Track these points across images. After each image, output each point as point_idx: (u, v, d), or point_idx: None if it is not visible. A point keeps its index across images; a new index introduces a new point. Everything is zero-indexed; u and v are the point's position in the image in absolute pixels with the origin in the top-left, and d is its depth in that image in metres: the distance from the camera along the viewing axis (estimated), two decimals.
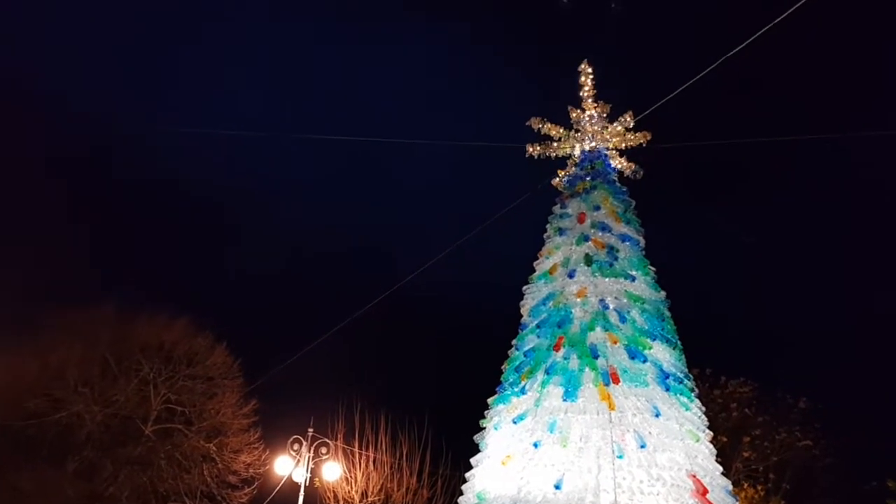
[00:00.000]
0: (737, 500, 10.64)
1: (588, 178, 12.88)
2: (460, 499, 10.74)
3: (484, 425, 11.25)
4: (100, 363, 30.59)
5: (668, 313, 11.56)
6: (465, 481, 11.00)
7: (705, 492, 9.39)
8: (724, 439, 28.05)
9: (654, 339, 10.87)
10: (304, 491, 26.87)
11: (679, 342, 11.34)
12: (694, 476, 9.54)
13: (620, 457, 9.45)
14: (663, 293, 11.80)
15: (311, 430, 27.59)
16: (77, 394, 29.61)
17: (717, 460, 10.50)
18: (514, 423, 10.54)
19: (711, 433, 10.84)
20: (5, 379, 24.96)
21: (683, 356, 11.26)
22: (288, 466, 27.57)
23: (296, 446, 27.52)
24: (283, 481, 27.52)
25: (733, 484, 10.47)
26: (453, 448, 27.50)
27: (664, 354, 10.85)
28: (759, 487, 28.47)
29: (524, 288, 12.54)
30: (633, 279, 11.53)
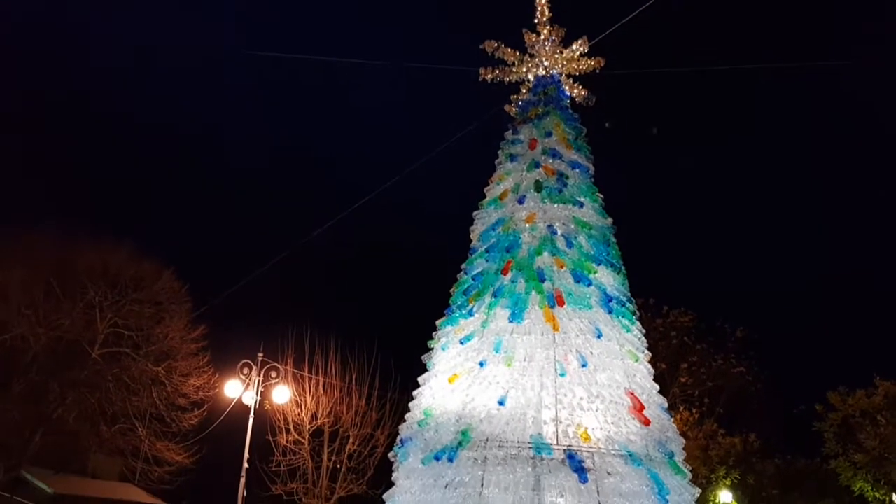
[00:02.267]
0: (671, 417, 11.16)
1: (541, 105, 12.88)
2: (407, 415, 11.02)
3: (432, 346, 11.47)
4: (43, 286, 29.98)
5: (613, 239, 11.83)
6: (413, 400, 11.25)
7: (642, 408, 9.83)
8: (664, 366, 29.18)
9: (600, 264, 11.14)
10: (254, 413, 27.22)
11: (623, 267, 11.65)
12: (632, 394, 9.96)
13: (563, 375, 9.78)
14: (610, 220, 12.04)
15: (260, 354, 27.68)
16: (21, 316, 29.07)
17: (654, 381, 10.95)
18: (462, 343, 10.78)
19: (650, 354, 11.27)
20: None
21: (627, 281, 11.58)
22: (238, 390, 27.77)
23: (245, 370, 27.67)
24: (232, 404, 27.78)
25: (669, 407, 10.98)
26: (402, 373, 28.03)
27: (608, 279, 11.15)
28: (695, 410, 29.81)
29: (474, 213, 12.64)
30: (582, 205, 11.72)
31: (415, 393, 11.22)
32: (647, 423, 9.76)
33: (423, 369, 11.44)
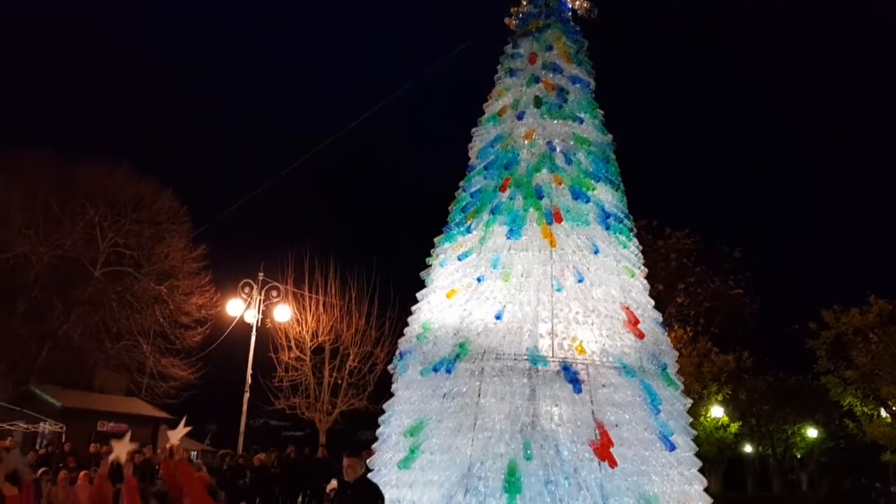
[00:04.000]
0: (666, 330, 11.34)
1: (542, 17, 12.57)
2: (406, 329, 11.19)
3: (430, 262, 11.55)
4: (43, 206, 29.99)
5: (613, 156, 11.75)
6: (411, 315, 11.40)
7: (637, 322, 9.98)
8: (661, 287, 29.48)
9: (598, 181, 11.10)
10: (256, 331, 27.67)
11: (622, 184, 11.62)
12: (627, 308, 10.09)
13: (559, 290, 9.88)
14: (610, 136, 11.93)
15: (261, 274, 28.01)
16: (21, 235, 29.19)
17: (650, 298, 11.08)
18: (459, 259, 10.85)
19: (647, 270, 11.35)
20: None
21: (625, 198, 11.57)
22: (239, 308, 28.20)
23: (247, 289, 28.05)
24: (234, 322, 28.22)
25: (664, 327, 11.15)
26: (401, 293, 28.34)
27: (607, 195, 11.13)
28: (689, 329, 30.24)
29: (473, 130, 12.50)
30: (581, 121, 11.59)
31: (413, 308, 11.36)
32: (641, 336, 9.92)
33: (422, 286, 11.54)
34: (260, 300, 27.79)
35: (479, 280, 10.29)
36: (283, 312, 28.67)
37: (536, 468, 8.62)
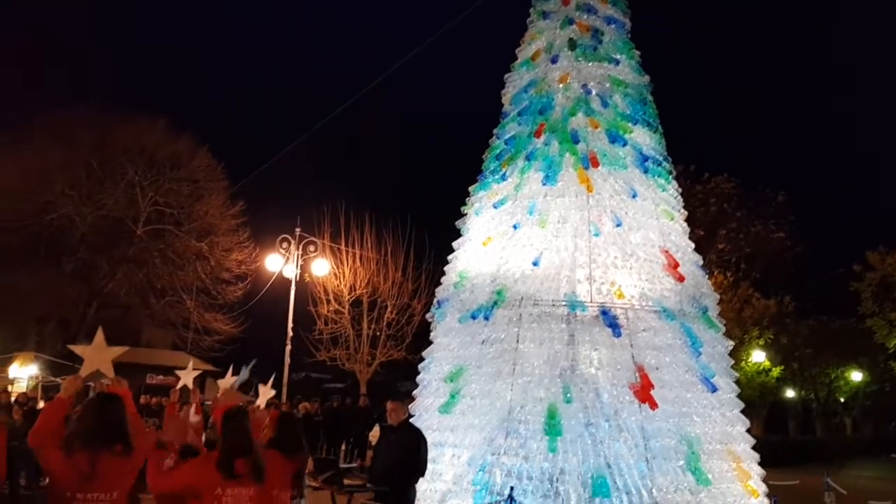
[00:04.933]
0: (707, 273, 11.22)
1: None
2: (443, 279, 11.23)
3: (466, 211, 11.52)
4: (84, 167, 30.56)
5: (650, 97, 11.49)
6: (448, 264, 11.43)
7: (676, 265, 9.87)
8: (701, 233, 29.08)
9: (636, 124, 10.89)
10: (295, 285, 28.05)
11: (660, 126, 11.38)
12: (666, 251, 9.97)
13: (597, 235, 9.79)
14: (647, 77, 11.65)
15: (298, 229, 28.30)
16: (65, 196, 29.85)
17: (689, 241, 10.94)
18: (495, 207, 10.80)
19: (686, 213, 11.18)
20: None
21: (663, 140, 11.35)
22: (278, 263, 28.59)
23: (284, 245, 28.39)
24: (274, 277, 28.64)
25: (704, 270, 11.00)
26: (436, 245, 28.44)
27: (644, 138, 10.93)
28: (730, 274, 29.89)
29: (506, 76, 12.31)
30: (617, 63, 11.32)
31: (450, 257, 11.38)
32: (681, 279, 9.82)
33: (457, 236, 11.53)
34: (298, 255, 28.12)
35: (515, 227, 10.24)
36: (320, 266, 29.01)
37: (576, 411, 8.67)
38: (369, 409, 21.42)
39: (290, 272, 27.82)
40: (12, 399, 15.83)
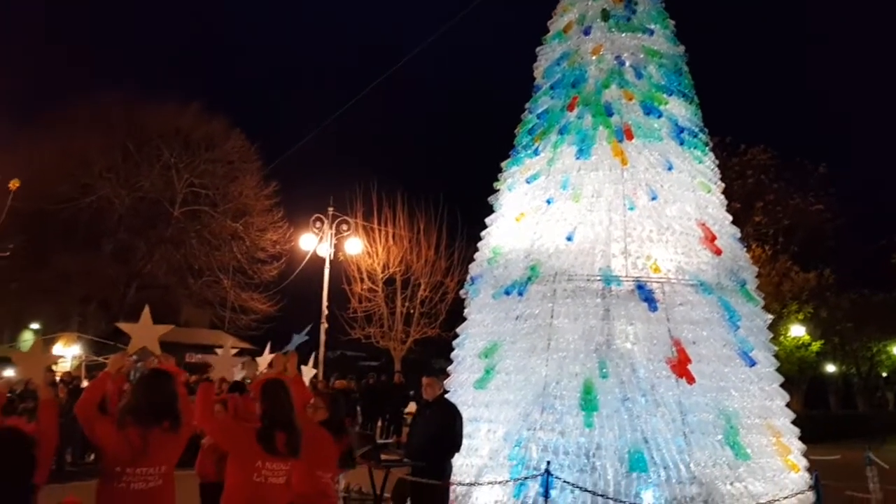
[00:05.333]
0: (744, 246, 11.03)
1: None
2: (476, 255, 11.20)
3: (498, 187, 11.44)
4: (121, 150, 31.04)
5: (685, 68, 11.26)
6: (481, 241, 11.39)
7: (713, 238, 9.71)
8: (737, 206, 28.56)
9: (671, 95, 10.69)
10: (329, 264, 28.25)
11: (696, 97, 11.16)
12: (703, 224, 9.81)
13: (632, 209, 9.66)
14: (682, 47, 11.41)
15: (331, 208, 28.44)
16: (103, 179, 30.37)
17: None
18: (528, 182, 10.70)
19: (723, 185, 10.98)
20: (32, 167, 25.41)
21: (699, 111, 11.13)
22: (312, 243, 28.81)
23: (318, 224, 28.59)
24: (308, 256, 28.87)
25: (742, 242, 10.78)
26: (468, 223, 28.40)
27: (680, 109, 10.72)
28: (768, 248, 29.37)
29: (538, 49, 12.15)
30: (652, 33, 11.10)
31: (483, 234, 11.33)
32: (718, 252, 9.66)
33: (490, 212, 11.47)
34: (331, 234, 28.29)
35: (548, 202, 10.15)
36: (353, 245, 29.18)
37: (612, 386, 8.62)
38: (404, 385, 21.58)
39: (324, 251, 28.04)
40: (57, 378, 16.21)
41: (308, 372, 7.92)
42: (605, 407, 8.53)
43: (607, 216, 9.72)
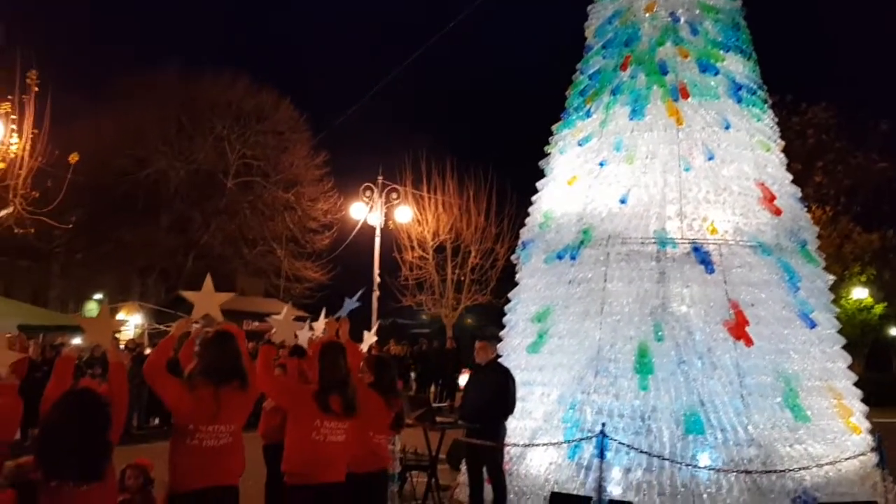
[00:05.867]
0: (805, 206, 10.73)
1: None
2: (527, 220, 11.12)
3: (549, 151, 11.31)
4: (174, 122, 31.71)
5: (743, 22, 10.88)
6: (532, 206, 11.30)
7: (772, 198, 9.45)
8: (798, 166, 27.70)
9: (728, 51, 10.35)
10: (380, 233, 28.47)
11: (754, 53, 10.79)
12: (762, 184, 9.55)
13: (687, 170, 9.45)
14: (739, 1, 11.01)
15: (380, 177, 28.58)
16: (158, 152, 31.10)
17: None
18: (580, 145, 10.55)
19: (783, 143, 10.65)
20: (89, 143, 26.10)
21: (758, 67, 10.76)
22: (362, 211, 29.04)
23: (368, 193, 28.76)
24: (359, 225, 29.14)
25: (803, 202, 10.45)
26: (518, 190, 28.23)
27: (737, 66, 10.39)
28: (828, 209, 28.51)
29: (588, 8, 11.87)
30: None
31: (534, 198, 11.24)
32: (777, 212, 9.41)
33: (541, 177, 11.35)
34: (381, 202, 28.46)
35: (601, 165, 9.99)
36: (403, 213, 29.31)
37: (668, 349, 8.52)
38: (456, 351, 21.76)
39: (375, 220, 28.26)
40: (121, 346, 16.81)
41: (369, 338, 8.04)
42: (661, 370, 8.45)
43: (662, 177, 9.53)
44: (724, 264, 8.91)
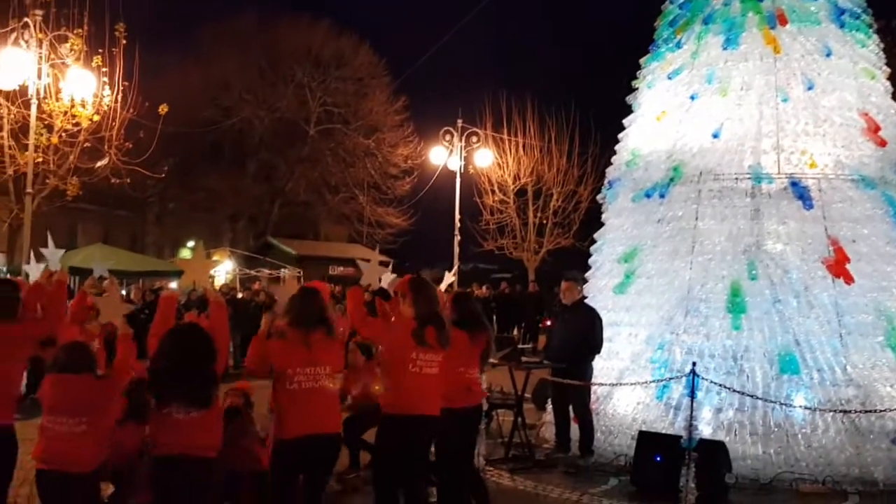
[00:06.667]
0: None
1: None
2: (614, 158, 10.86)
3: (636, 85, 10.94)
4: (257, 71, 32.23)
5: None
6: (618, 143, 11.02)
7: (877, 129, 8.91)
8: None
9: None
10: (460, 177, 28.44)
11: None
12: (866, 114, 9.00)
13: (784, 101, 8.98)
14: None
15: (460, 120, 28.41)
16: (242, 101, 31.76)
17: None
18: (669, 78, 10.14)
19: (889, 70, 9.98)
20: (177, 93, 26.86)
21: None
22: (442, 156, 29.03)
23: (448, 137, 28.67)
24: (439, 170, 29.18)
25: None
26: (601, 128, 27.57)
27: None
28: None
29: None
30: None
31: (620, 136, 10.95)
32: (882, 144, 8.87)
33: (627, 114, 11.03)
34: (461, 146, 28.34)
35: (692, 98, 9.60)
36: (484, 157, 29.14)
37: (762, 288, 8.26)
38: (539, 294, 21.74)
39: (455, 164, 28.22)
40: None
41: (448, 278, 8.11)
42: (754, 309, 8.22)
43: (757, 110, 9.10)
44: (823, 199, 8.52)
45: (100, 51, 17.57)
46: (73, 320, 5.93)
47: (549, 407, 9.28)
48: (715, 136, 9.15)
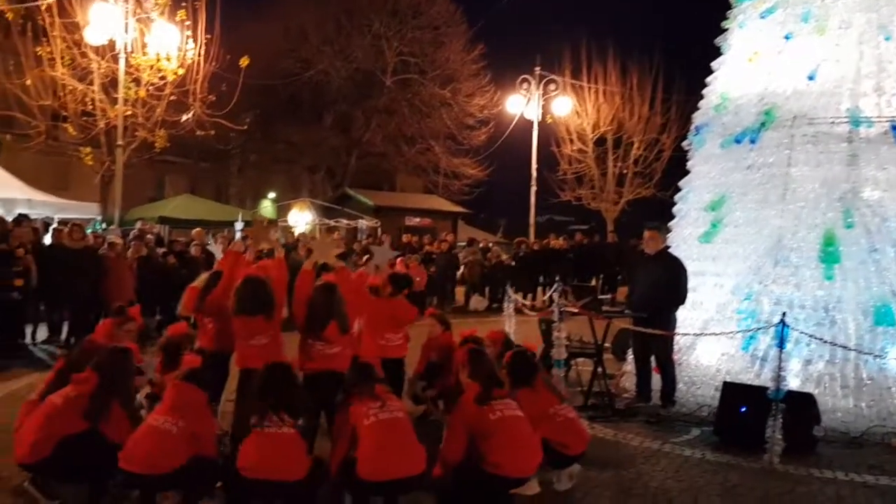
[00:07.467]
0: None
1: None
2: (701, 103, 10.47)
3: (727, 26, 10.46)
4: (334, 22, 32.24)
5: None
6: (706, 87, 10.62)
7: None
8: None
9: None
10: (538, 126, 28.03)
11: None
12: None
13: (888, 39, 8.44)
14: None
15: (538, 68, 27.88)
16: (320, 52, 31.90)
17: None
18: (762, 17, 9.65)
19: None
20: (256, 45, 27.25)
21: None
22: (519, 105, 28.62)
23: (525, 85, 28.21)
24: (515, 119, 28.82)
25: None
26: (686, 74, 26.56)
27: None
28: None
29: None
30: None
31: (709, 79, 10.53)
32: None
33: (715, 56, 10.58)
34: (539, 95, 27.87)
35: (786, 38, 9.13)
36: (562, 105, 28.59)
37: (858, 237, 7.91)
38: (618, 245, 21.42)
39: (532, 113, 27.81)
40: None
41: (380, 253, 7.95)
42: (849, 259, 7.89)
43: (857, 50, 8.59)
44: None
45: (183, 4, 17.93)
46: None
47: (630, 357, 9.20)
48: (810, 78, 8.70)
